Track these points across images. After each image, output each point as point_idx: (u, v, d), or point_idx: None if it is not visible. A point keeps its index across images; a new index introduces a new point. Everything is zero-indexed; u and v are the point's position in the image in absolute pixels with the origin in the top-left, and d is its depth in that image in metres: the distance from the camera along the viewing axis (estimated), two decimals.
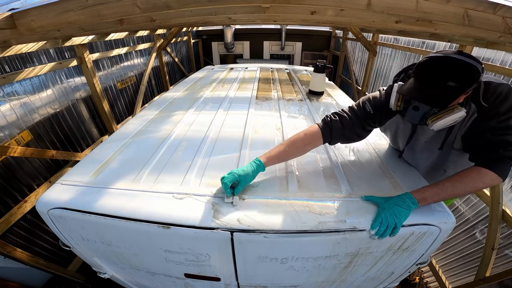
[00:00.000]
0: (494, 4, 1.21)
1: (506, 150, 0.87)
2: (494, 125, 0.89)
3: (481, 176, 0.90)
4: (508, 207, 2.04)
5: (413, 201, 0.92)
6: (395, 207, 0.91)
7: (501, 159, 0.89)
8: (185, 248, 0.98)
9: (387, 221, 0.88)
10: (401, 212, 0.90)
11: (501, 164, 0.89)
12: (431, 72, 0.86)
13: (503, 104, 0.88)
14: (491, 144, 0.90)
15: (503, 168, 0.90)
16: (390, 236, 0.91)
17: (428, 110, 0.95)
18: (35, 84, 2.42)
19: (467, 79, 0.82)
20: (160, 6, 1.42)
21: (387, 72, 4.53)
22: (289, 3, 1.45)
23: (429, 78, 0.86)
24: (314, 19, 1.55)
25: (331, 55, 7.53)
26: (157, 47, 4.86)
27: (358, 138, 1.19)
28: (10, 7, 1.42)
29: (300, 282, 1.16)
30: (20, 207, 2.12)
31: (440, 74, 0.84)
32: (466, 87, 0.83)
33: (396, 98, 1.03)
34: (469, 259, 2.45)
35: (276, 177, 1.15)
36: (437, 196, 0.93)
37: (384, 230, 0.89)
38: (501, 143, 0.88)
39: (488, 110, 0.90)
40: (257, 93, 2.35)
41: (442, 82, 0.83)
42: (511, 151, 0.87)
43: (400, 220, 0.89)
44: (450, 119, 0.91)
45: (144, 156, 1.30)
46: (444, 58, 0.84)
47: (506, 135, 0.87)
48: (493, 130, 0.89)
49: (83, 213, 0.97)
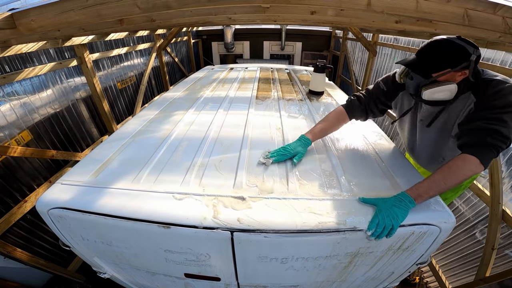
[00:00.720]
0: (494, 4, 1.21)
1: (493, 139, 0.91)
2: (487, 114, 0.94)
3: (466, 162, 0.93)
4: (508, 207, 2.04)
5: (409, 200, 0.92)
6: (392, 208, 0.91)
7: (485, 146, 0.92)
8: (185, 248, 0.98)
9: (384, 222, 0.88)
10: (399, 213, 0.90)
11: (485, 152, 0.92)
12: (425, 47, 1.03)
13: (501, 99, 0.93)
14: (480, 130, 0.94)
15: (486, 156, 0.92)
16: (387, 237, 0.90)
17: (423, 81, 1.06)
18: (35, 84, 2.42)
19: (451, 54, 0.97)
20: (160, 6, 1.42)
21: (387, 72, 4.52)
22: (289, 3, 1.45)
23: (422, 51, 1.04)
24: (314, 19, 1.55)
25: (331, 55, 7.53)
26: (157, 47, 4.86)
27: (373, 114, 1.40)
28: (10, 7, 1.42)
29: (300, 282, 1.16)
30: (20, 207, 2.12)
31: (429, 48, 1.02)
32: (450, 61, 0.97)
33: (400, 71, 1.19)
34: (469, 259, 2.45)
35: (276, 177, 1.15)
36: (432, 191, 0.94)
37: (381, 231, 0.89)
38: (489, 130, 0.92)
39: (485, 101, 0.97)
40: (257, 93, 2.36)
41: (429, 54, 1.01)
42: (497, 140, 0.91)
43: (397, 221, 0.89)
44: (439, 89, 1.02)
45: (144, 156, 1.30)
46: (440, 39, 1.00)
47: (496, 126, 0.91)
48: (485, 119, 0.94)
49: (83, 213, 0.97)
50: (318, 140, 1.44)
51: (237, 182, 1.10)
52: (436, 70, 1.00)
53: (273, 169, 1.21)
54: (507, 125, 0.91)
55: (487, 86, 0.98)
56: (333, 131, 1.43)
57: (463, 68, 0.98)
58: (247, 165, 1.23)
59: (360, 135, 1.58)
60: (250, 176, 1.15)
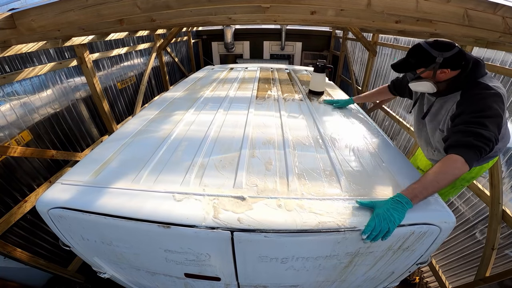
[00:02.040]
0: (494, 4, 1.21)
1: (476, 140, 1.00)
2: (468, 119, 1.07)
3: (454, 161, 1.00)
4: (508, 207, 2.04)
5: (406, 201, 0.93)
6: (389, 211, 0.90)
7: (470, 147, 1.00)
8: (185, 248, 0.98)
9: (380, 226, 0.88)
10: (396, 215, 0.90)
11: (469, 152, 1.00)
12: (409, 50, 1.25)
13: (479, 103, 1.08)
14: (463, 132, 1.05)
15: (470, 156, 0.99)
16: (382, 240, 0.90)
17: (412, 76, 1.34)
18: (35, 84, 2.42)
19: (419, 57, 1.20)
20: (160, 6, 1.42)
21: (387, 72, 4.52)
22: (289, 3, 1.45)
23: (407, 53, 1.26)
24: (314, 19, 1.55)
25: (331, 55, 7.53)
26: (157, 47, 4.86)
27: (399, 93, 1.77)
28: (10, 7, 1.42)
29: (300, 282, 1.16)
30: (20, 207, 2.12)
31: (409, 51, 1.24)
32: (420, 63, 1.21)
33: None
34: (469, 259, 2.45)
35: (277, 177, 1.15)
36: (426, 191, 0.96)
37: (376, 234, 0.88)
38: (472, 133, 1.02)
39: (465, 103, 1.13)
40: (257, 93, 2.35)
41: (408, 56, 1.25)
42: (480, 142, 1.00)
43: (394, 224, 0.89)
44: (418, 84, 1.28)
45: (144, 156, 1.30)
46: (415, 44, 1.23)
47: (478, 129, 1.02)
48: (467, 123, 1.06)
49: (83, 213, 0.97)
50: (319, 140, 1.46)
51: (237, 182, 1.10)
52: (411, 69, 1.27)
53: (273, 168, 1.21)
54: (488, 128, 1.01)
55: (474, 86, 1.14)
56: (375, 100, 2.13)
57: (435, 68, 1.18)
58: (247, 165, 1.23)
59: (360, 135, 1.58)
60: (250, 176, 1.15)
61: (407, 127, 3.67)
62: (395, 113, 4.06)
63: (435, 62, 1.15)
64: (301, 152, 1.35)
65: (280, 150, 1.37)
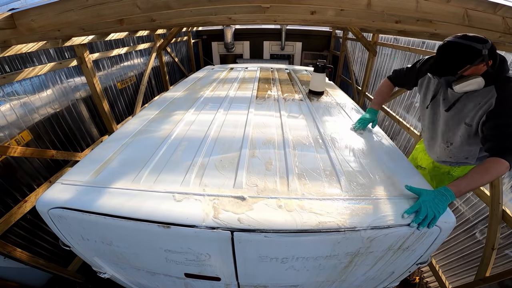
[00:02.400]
0: (494, 4, 1.21)
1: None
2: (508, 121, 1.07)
3: (500, 165, 1.03)
4: (508, 207, 2.04)
5: (450, 194, 0.99)
6: (435, 201, 0.96)
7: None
8: (185, 248, 0.98)
9: (426, 211, 0.93)
10: (440, 205, 0.95)
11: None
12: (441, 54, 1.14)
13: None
14: (504, 135, 1.06)
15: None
16: (429, 227, 0.93)
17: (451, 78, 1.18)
18: (35, 84, 2.41)
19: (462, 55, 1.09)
20: (160, 6, 1.42)
21: (387, 72, 4.52)
22: (289, 3, 1.46)
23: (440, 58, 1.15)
24: (314, 19, 1.55)
25: (331, 55, 7.53)
26: (157, 47, 4.86)
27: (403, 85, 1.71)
28: (10, 7, 1.42)
29: (301, 281, 1.16)
30: (20, 207, 2.12)
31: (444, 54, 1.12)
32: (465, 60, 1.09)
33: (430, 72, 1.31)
34: (469, 259, 2.44)
35: (277, 177, 1.15)
36: (469, 187, 1.03)
37: (423, 219, 0.92)
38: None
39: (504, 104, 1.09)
40: (257, 93, 2.35)
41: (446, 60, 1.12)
42: None
43: (439, 212, 0.94)
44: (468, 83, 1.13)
45: (144, 155, 1.30)
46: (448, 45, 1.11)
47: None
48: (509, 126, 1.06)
49: (83, 213, 0.97)
50: (319, 140, 1.47)
51: (237, 182, 1.10)
52: (458, 69, 1.12)
53: (273, 168, 1.20)
54: None
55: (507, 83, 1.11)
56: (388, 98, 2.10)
57: (481, 62, 1.08)
58: (248, 165, 1.23)
59: (360, 135, 1.58)
60: (251, 176, 1.15)
61: (407, 127, 3.67)
62: (395, 113, 4.06)
63: (482, 55, 1.06)
64: (301, 152, 1.36)
65: (280, 150, 1.37)
